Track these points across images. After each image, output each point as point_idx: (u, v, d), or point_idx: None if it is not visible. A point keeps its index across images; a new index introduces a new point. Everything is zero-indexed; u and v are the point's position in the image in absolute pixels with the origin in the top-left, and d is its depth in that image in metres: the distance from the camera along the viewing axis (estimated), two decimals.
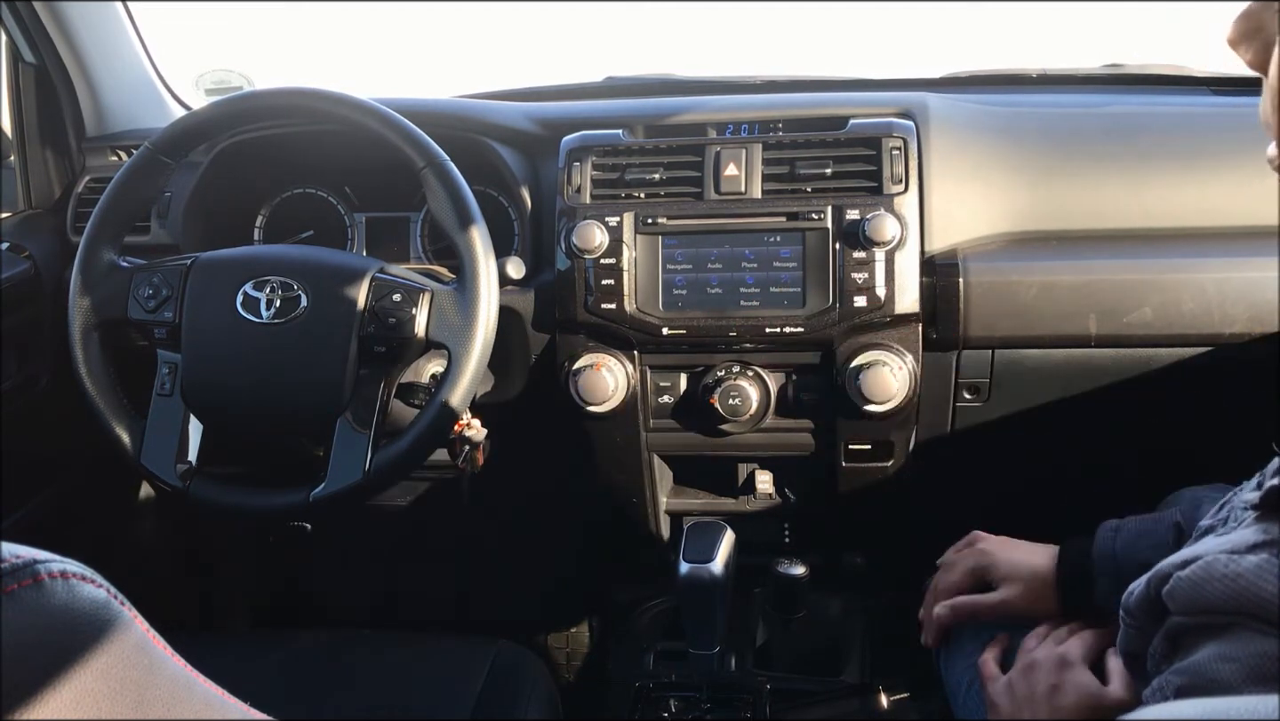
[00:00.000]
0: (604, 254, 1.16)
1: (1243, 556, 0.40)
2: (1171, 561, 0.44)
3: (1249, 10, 0.52)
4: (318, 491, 1.06)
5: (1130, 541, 0.86)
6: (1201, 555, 0.42)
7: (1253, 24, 0.52)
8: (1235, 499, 0.51)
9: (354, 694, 1.03)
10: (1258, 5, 0.52)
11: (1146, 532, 0.86)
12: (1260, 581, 0.39)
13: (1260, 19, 0.52)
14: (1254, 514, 0.43)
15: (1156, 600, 0.44)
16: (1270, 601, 0.38)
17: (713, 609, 1.05)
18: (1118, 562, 0.85)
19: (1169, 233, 1.16)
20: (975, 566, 0.97)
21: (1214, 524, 0.51)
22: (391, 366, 1.09)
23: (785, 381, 1.19)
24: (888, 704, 1.12)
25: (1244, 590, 0.39)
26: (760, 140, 1.19)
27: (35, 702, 0.34)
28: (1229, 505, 0.52)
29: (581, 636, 1.71)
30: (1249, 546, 0.40)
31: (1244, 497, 0.46)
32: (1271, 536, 0.40)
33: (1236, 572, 0.39)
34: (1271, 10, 0.50)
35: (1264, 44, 0.51)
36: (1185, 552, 0.44)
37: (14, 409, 1.30)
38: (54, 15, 1.36)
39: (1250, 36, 0.52)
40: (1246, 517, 0.43)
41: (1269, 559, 0.39)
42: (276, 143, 1.31)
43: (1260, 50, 0.52)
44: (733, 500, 1.33)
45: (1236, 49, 0.54)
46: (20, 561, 0.35)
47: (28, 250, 1.35)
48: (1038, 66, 1.46)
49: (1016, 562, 0.94)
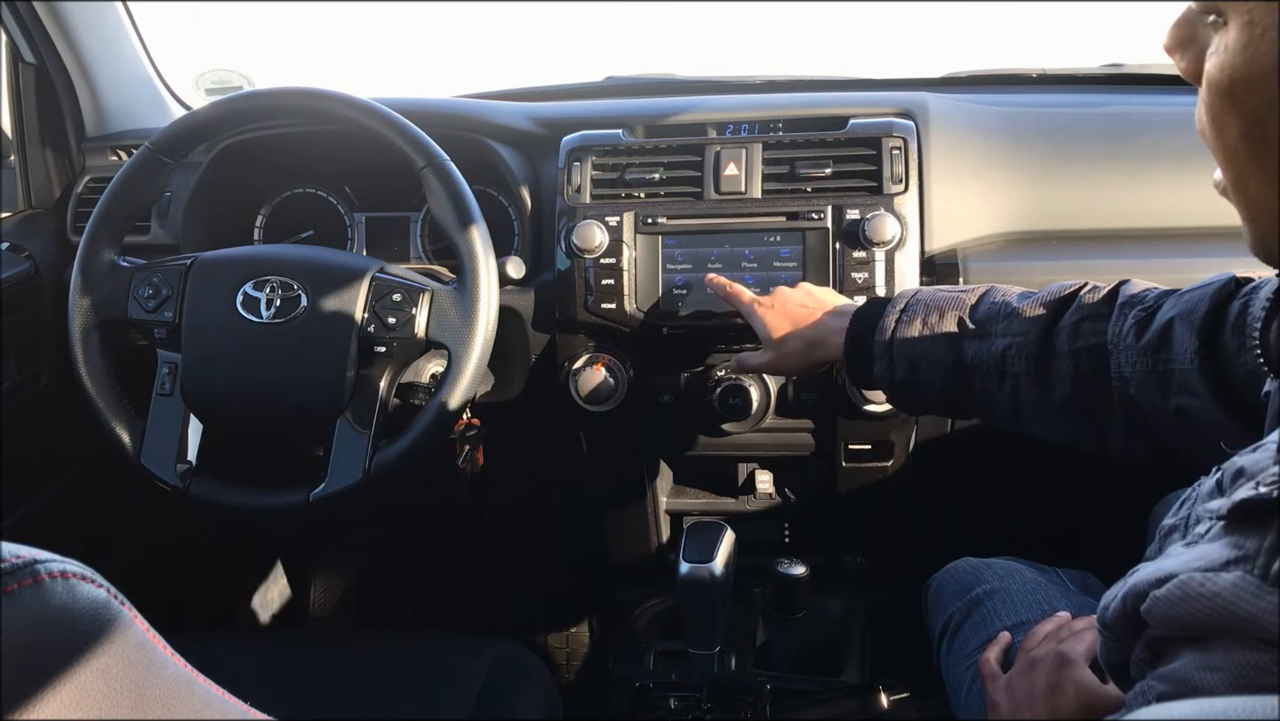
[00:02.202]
0: (604, 254, 1.16)
1: (1218, 575, 0.40)
2: (1146, 578, 0.44)
3: (1183, 18, 0.52)
4: (317, 491, 1.06)
5: (911, 320, 0.90)
6: (1175, 572, 0.42)
7: (1186, 33, 0.52)
8: (1196, 499, 0.50)
9: (354, 693, 1.03)
10: (1191, 14, 0.51)
11: (933, 307, 0.90)
12: (1238, 600, 0.39)
13: (1194, 29, 0.51)
14: (1220, 524, 0.42)
15: (1134, 615, 0.44)
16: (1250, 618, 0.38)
17: (713, 609, 1.05)
18: (892, 351, 0.91)
19: (1169, 232, 1.16)
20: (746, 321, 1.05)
21: (1176, 523, 0.51)
22: (391, 366, 1.09)
23: (785, 381, 1.19)
24: (888, 704, 1.12)
25: (1223, 609, 0.39)
26: (760, 140, 1.19)
27: (35, 702, 0.34)
28: (1189, 503, 0.51)
29: (581, 636, 1.71)
30: (1222, 563, 0.40)
31: (1208, 506, 0.46)
32: (1244, 551, 0.40)
33: (1214, 592, 0.39)
34: (1204, 22, 0.50)
35: (1197, 54, 0.51)
36: (1158, 568, 0.43)
37: (14, 409, 1.30)
38: (54, 15, 1.36)
39: (1185, 46, 0.52)
40: (1214, 526, 0.43)
41: (1244, 576, 0.39)
42: (276, 143, 1.31)
43: (1194, 60, 0.51)
44: (733, 500, 1.33)
45: (1172, 56, 0.53)
46: (20, 561, 0.35)
47: (28, 250, 1.35)
48: (1038, 66, 1.46)
49: (799, 324, 1.01)
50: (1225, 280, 0.71)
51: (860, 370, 0.95)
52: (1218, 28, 0.49)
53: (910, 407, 1.03)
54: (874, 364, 0.92)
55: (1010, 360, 0.84)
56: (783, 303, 1.03)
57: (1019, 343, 0.83)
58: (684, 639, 1.10)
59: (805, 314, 1.00)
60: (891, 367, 0.91)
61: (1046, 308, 0.83)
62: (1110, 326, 0.79)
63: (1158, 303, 0.77)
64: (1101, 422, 0.80)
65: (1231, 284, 0.71)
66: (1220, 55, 0.48)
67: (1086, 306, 0.81)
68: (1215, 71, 0.49)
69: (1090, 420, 0.81)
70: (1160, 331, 0.74)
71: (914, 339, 0.89)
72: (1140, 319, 0.76)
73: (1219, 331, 0.69)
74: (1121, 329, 0.77)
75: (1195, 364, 0.70)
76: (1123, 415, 0.78)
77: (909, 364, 0.90)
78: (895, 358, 0.91)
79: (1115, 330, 0.78)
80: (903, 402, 0.97)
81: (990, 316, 0.87)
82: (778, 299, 1.03)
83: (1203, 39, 0.50)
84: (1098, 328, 0.80)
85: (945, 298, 0.90)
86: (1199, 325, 0.70)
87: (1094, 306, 0.81)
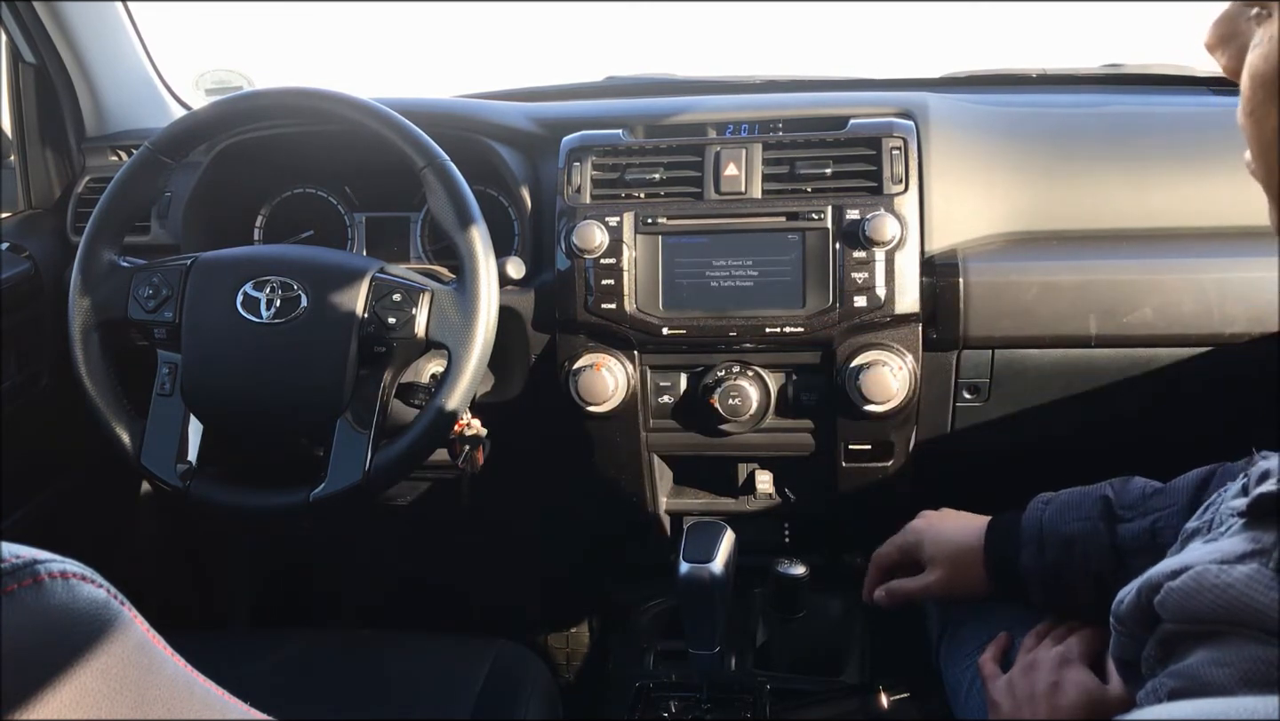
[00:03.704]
0: (604, 254, 1.16)
1: (1233, 566, 0.40)
2: (1161, 570, 0.44)
3: (1225, 15, 0.52)
4: (317, 491, 1.06)
5: (1058, 512, 0.87)
6: (1191, 564, 0.42)
7: (1228, 29, 0.52)
8: (1220, 502, 0.51)
9: (354, 693, 1.03)
10: (1233, 9, 0.51)
11: (1074, 505, 0.87)
12: (1251, 591, 0.39)
13: (1236, 24, 0.51)
14: (1241, 520, 0.42)
15: (1148, 608, 0.44)
16: (1263, 611, 0.38)
17: (713, 609, 1.05)
18: (1042, 533, 0.86)
19: (1169, 232, 1.16)
20: (903, 545, 0.97)
21: (1200, 526, 0.51)
22: (391, 366, 1.09)
23: (785, 381, 1.19)
24: (888, 704, 1.12)
25: (1235, 600, 0.39)
26: (760, 140, 1.19)
27: (35, 702, 0.34)
28: (1213, 507, 0.51)
29: (581, 636, 1.71)
30: (1239, 556, 0.40)
31: (1231, 504, 0.46)
32: (1261, 545, 0.40)
33: (1227, 583, 0.39)
34: (1246, 16, 0.50)
35: (1238, 49, 0.51)
36: (1175, 561, 0.44)
37: (14, 409, 1.30)
38: (54, 15, 1.36)
39: (1226, 42, 0.52)
40: (1234, 524, 0.43)
41: (1259, 568, 0.39)
42: (276, 143, 1.31)
43: (1235, 55, 0.51)
44: (733, 500, 1.33)
45: (1213, 54, 0.53)
46: (20, 561, 0.35)
47: (28, 250, 1.35)
48: (1038, 66, 1.46)
49: (943, 541, 0.95)
50: None
51: (1003, 560, 0.90)
52: (1261, 20, 0.49)
53: (1057, 596, 0.91)
54: (1021, 550, 0.88)
55: (1159, 532, 0.81)
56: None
57: (1168, 514, 0.81)
58: (684, 639, 1.10)
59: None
60: (1041, 551, 0.87)
61: (1191, 481, 0.82)
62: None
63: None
64: None
65: None
66: (1264, 46, 0.48)
67: (1230, 473, 0.79)
68: (1260, 62, 0.48)
69: None
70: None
71: (1063, 522, 0.86)
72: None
73: None
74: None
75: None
76: None
77: (1062, 544, 0.86)
78: (1045, 539, 0.87)
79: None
80: (1049, 591, 0.89)
81: (1135, 500, 0.85)
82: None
83: (1245, 34, 0.50)
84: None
85: (1081, 490, 0.88)
86: None
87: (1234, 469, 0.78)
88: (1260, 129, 0.50)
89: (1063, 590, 0.87)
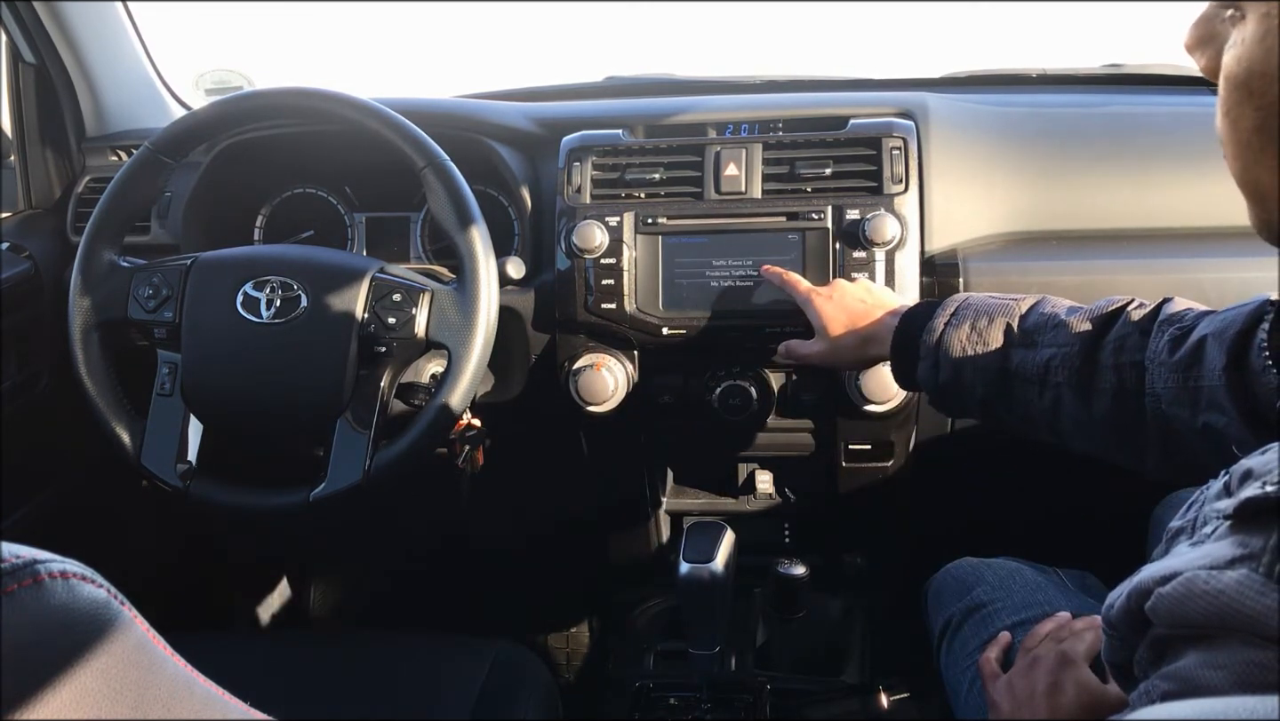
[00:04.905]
0: (604, 254, 1.16)
1: (1223, 572, 0.40)
2: (1151, 575, 0.44)
3: (1203, 16, 0.52)
4: (317, 491, 1.06)
5: (961, 330, 0.90)
6: (1180, 570, 0.42)
7: (1206, 30, 0.52)
8: (1204, 501, 0.50)
9: (354, 693, 1.03)
10: (1211, 11, 0.51)
11: (980, 326, 0.89)
12: (1243, 597, 0.38)
13: (1213, 25, 0.51)
14: (1227, 523, 0.42)
15: (1138, 613, 0.44)
16: (1255, 616, 0.38)
17: (713, 609, 1.05)
18: (938, 352, 0.90)
19: (1169, 233, 1.16)
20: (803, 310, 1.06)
21: (1184, 526, 0.51)
22: (391, 366, 1.09)
23: (785, 381, 1.19)
24: (888, 704, 1.12)
25: (1227, 606, 0.39)
26: (760, 140, 1.19)
27: (35, 702, 0.34)
28: (1196, 505, 0.51)
29: (581, 636, 1.71)
30: (1228, 561, 0.40)
31: (1215, 506, 0.46)
32: (1250, 550, 0.40)
33: (1218, 590, 0.39)
34: (1222, 17, 0.50)
35: (1216, 51, 0.51)
36: (1163, 566, 0.43)
37: (14, 409, 1.30)
38: (54, 15, 1.36)
39: (1204, 43, 0.52)
40: (1220, 526, 0.43)
41: (1249, 574, 0.39)
42: (276, 143, 1.31)
43: (1213, 57, 0.51)
44: (733, 500, 1.33)
45: (1193, 55, 0.53)
46: (20, 561, 0.35)
47: (28, 250, 1.35)
48: (1038, 66, 1.46)
49: (836, 321, 1.01)
50: (1260, 301, 0.72)
51: (906, 369, 0.95)
52: (1235, 22, 0.49)
53: (951, 410, 1.02)
54: (919, 364, 0.92)
55: (1054, 370, 0.84)
56: (840, 296, 1.03)
57: (1064, 354, 0.83)
58: (684, 639, 1.10)
59: (863, 310, 1.01)
60: (936, 369, 0.91)
61: (1093, 322, 0.83)
62: (1150, 342, 0.79)
63: (1194, 321, 0.77)
64: (1138, 439, 0.80)
65: (1266, 305, 0.71)
66: (1237, 48, 0.48)
67: (1131, 323, 0.81)
68: (1232, 64, 0.49)
69: (1128, 436, 0.80)
70: (1193, 348, 0.74)
71: (961, 342, 0.89)
72: (1175, 336, 0.76)
73: (1248, 350, 0.70)
74: (1157, 345, 0.77)
75: (1222, 380, 0.70)
76: (1155, 431, 0.78)
77: (954, 367, 0.90)
78: (940, 359, 0.90)
79: (1153, 346, 0.78)
80: (944, 405, 0.96)
81: (1038, 326, 0.86)
82: (836, 291, 1.04)
83: (1222, 35, 0.50)
84: (1140, 343, 0.79)
85: (996, 304, 0.90)
86: (1229, 343, 0.70)
87: (1138, 323, 0.81)
88: (1235, 130, 0.50)
89: (955, 405, 0.94)
